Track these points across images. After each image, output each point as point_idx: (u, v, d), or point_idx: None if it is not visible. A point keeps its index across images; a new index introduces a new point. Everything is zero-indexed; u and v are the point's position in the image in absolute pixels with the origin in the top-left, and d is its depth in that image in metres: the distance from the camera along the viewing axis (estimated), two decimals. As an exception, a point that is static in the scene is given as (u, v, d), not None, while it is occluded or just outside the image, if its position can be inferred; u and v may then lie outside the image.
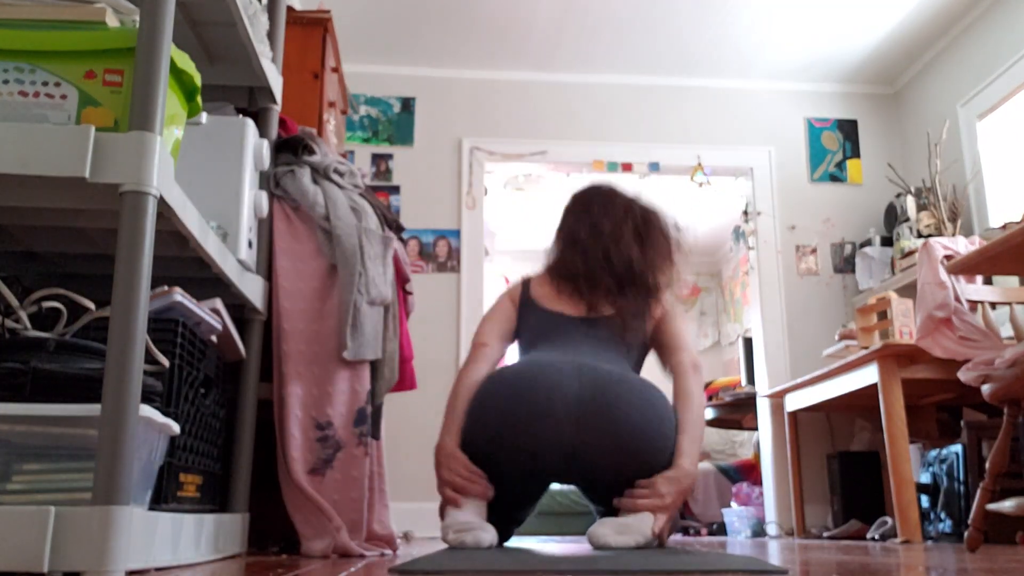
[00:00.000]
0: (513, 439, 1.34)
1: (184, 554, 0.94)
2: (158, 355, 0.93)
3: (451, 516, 1.33)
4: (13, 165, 0.80)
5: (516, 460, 1.36)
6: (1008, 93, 2.84)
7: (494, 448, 1.37)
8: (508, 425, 1.35)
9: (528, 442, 1.34)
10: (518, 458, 1.36)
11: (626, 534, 1.29)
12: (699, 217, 5.18)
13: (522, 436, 1.34)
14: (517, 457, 1.36)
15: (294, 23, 1.91)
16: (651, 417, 1.36)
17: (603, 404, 1.34)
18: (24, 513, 0.70)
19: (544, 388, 1.35)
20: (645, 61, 3.43)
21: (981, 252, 1.67)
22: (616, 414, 1.33)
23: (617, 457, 1.34)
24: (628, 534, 1.29)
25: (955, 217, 2.98)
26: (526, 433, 1.33)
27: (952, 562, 1.21)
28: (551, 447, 1.34)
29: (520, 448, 1.35)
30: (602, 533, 1.29)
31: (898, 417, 2.30)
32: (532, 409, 1.34)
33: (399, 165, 3.40)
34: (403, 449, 3.12)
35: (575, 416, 1.33)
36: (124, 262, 0.78)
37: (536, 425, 1.33)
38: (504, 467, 1.38)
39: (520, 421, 1.34)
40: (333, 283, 1.38)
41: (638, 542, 1.29)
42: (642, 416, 1.35)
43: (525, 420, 1.34)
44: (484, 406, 1.39)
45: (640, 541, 1.29)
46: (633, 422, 1.33)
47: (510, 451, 1.36)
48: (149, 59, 0.83)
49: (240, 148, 1.25)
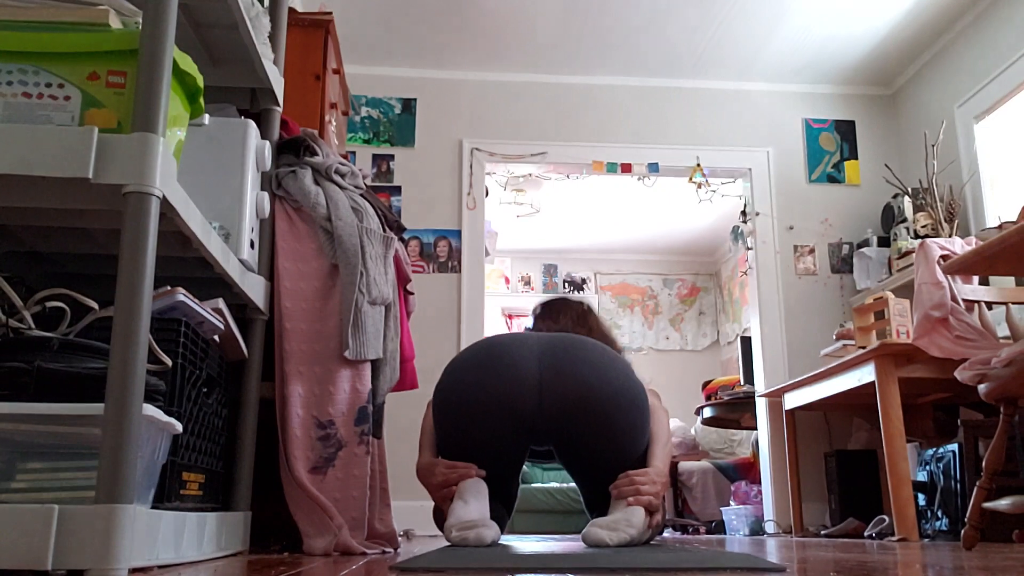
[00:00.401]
0: (484, 386, 1.43)
1: (187, 552, 0.94)
2: (161, 355, 0.94)
3: (454, 514, 1.34)
4: (17, 166, 0.80)
5: (490, 408, 1.42)
6: (1005, 94, 2.85)
7: (469, 400, 1.43)
8: (479, 374, 1.44)
9: (499, 386, 1.42)
10: (492, 405, 1.41)
11: (619, 530, 1.31)
12: (698, 217, 5.19)
13: (492, 380, 1.42)
14: (491, 404, 1.41)
15: (296, 25, 1.91)
16: (611, 357, 1.49)
17: (564, 346, 1.48)
18: (28, 511, 0.70)
19: (509, 342, 1.50)
20: (644, 63, 3.44)
21: (977, 252, 1.68)
22: (577, 352, 1.46)
23: (583, 390, 1.41)
24: (621, 529, 1.31)
25: (952, 218, 2.99)
26: (496, 377, 1.42)
27: (949, 560, 1.22)
28: (520, 386, 1.41)
29: (492, 393, 1.41)
30: (595, 532, 1.31)
31: (895, 416, 2.31)
32: (500, 358, 1.45)
33: (400, 166, 3.40)
34: (404, 448, 3.13)
35: (538, 355, 1.46)
36: (127, 262, 0.78)
37: (504, 369, 1.43)
38: (480, 420, 1.42)
39: (489, 368, 1.44)
40: (335, 283, 1.38)
41: (632, 536, 1.31)
42: (601, 355, 1.48)
43: (494, 367, 1.44)
44: (455, 367, 1.49)
45: (633, 534, 1.32)
46: (593, 358, 1.46)
47: (484, 401, 1.42)
48: (152, 61, 0.83)
49: (242, 149, 1.26)
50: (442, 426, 1.49)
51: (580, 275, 5.95)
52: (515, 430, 1.44)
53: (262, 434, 1.33)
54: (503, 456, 1.47)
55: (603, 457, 1.43)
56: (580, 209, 5.10)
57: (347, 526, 1.27)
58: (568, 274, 5.95)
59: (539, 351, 1.47)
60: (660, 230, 5.50)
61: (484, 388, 1.42)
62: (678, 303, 5.96)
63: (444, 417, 1.48)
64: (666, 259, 6.03)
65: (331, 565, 0.99)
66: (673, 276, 6.00)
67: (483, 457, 1.44)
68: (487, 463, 1.44)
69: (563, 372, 1.43)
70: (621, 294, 5.94)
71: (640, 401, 1.46)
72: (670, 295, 5.96)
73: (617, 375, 1.45)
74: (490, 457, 1.45)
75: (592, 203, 4.99)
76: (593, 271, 5.98)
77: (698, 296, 5.97)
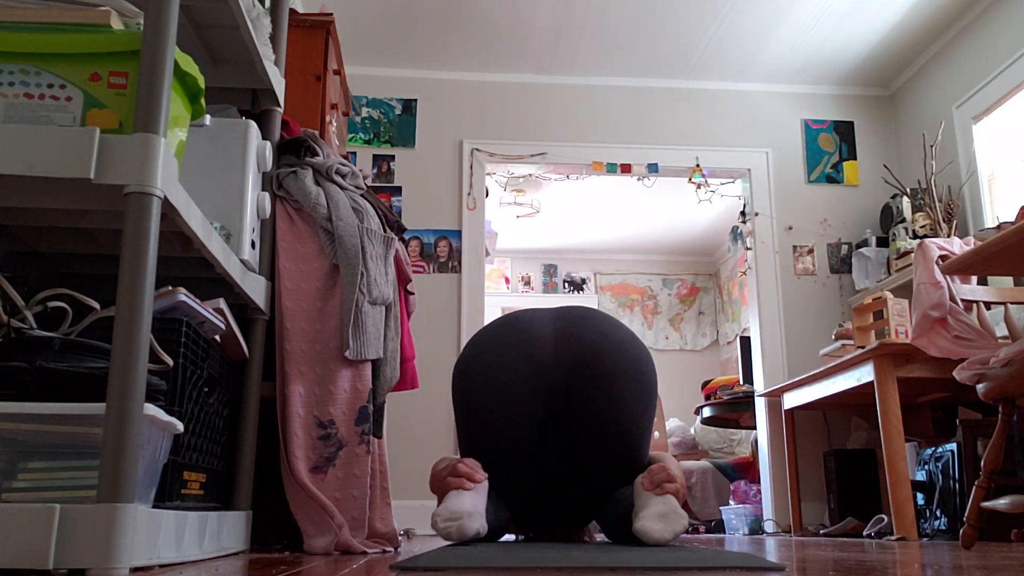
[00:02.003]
0: (503, 342, 1.52)
1: (188, 551, 0.95)
2: (162, 354, 0.94)
3: (446, 504, 1.33)
4: (19, 166, 0.81)
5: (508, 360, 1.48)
6: (1003, 95, 2.85)
7: (488, 357, 1.50)
8: (497, 334, 1.54)
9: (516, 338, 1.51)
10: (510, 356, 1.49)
11: (670, 522, 1.30)
12: (697, 218, 5.20)
13: (510, 336, 1.52)
14: (509, 356, 1.49)
15: (297, 26, 1.92)
16: (619, 322, 1.60)
17: (576, 309, 1.61)
18: (29, 511, 0.70)
19: (524, 312, 1.61)
20: (644, 64, 3.44)
21: (976, 252, 1.68)
22: (589, 312, 1.59)
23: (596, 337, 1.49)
24: (673, 521, 1.30)
25: (950, 218, 3.00)
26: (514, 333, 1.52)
27: (947, 559, 1.22)
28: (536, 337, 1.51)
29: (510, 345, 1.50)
30: (649, 528, 1.29)
31: (894, 415, 2.31)
32: (517, 320, 1.57)
33: (400, 166, 3.41)
34: (404, 447, 3.13)
35: (552, 316, 1.58)
36: (128, 262, 0.79)
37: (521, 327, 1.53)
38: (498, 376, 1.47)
39: (506, 328, 1.54)
40: (335, 283, 1.39)
41: (683, 525, 1.31)
42: (610, 317, 1.60)
43: (511, 326, 1.54)
44: (473, 339, 1.59)
45: (684, 523, 1.32)
46: (603, 317, 1.58)
47: (501, 355, 1.49)
48: (153, 62, 0.84)
49: (243, 150, 1.26)
50: (462, 396, 1.52)
51: (580, 275, 5.95)
52: (532, 385, 1.48)
53: (263, 433, 1.33)
54: (514, 422, 1.48)
55: (612, 419, 1.45)
56: (580, 209, 5.10)
57: (348, 525, 1.27)
58: (568, 274, 5.95)
59: (553, 314, 1.60)
60: (660, 230, 5.51)
61: (503, 343, 1.51)
62: (677, 303, 5.96)
63: (464, 381, 1.52)
64: (665, 259, 6.03)
65: (332, 564, 0.99)
66: (672, 276, 6.01)
67: (495, 423, 1.46)
68: (503, 433, 1.46)
69: (576, 324, 1.54)
70: (621, 294, 5.95)
71: (646, 357, 1.55)
72: (669, 295, 5.97)
73: (625, 332, 1.56)
74: (507, 425, 1.47)
75: (592, 203, 5.00)
76: (593, 271, 5.99)
77: (697, 296, 5.98)
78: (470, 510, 1.32)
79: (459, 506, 1.32)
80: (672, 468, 1.40)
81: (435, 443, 3.15)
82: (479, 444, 1.50)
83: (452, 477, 1.38)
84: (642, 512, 1.33)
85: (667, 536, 1.28)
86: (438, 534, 1.32)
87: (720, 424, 4.24)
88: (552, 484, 1.58)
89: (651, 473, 1.37)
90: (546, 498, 1.60)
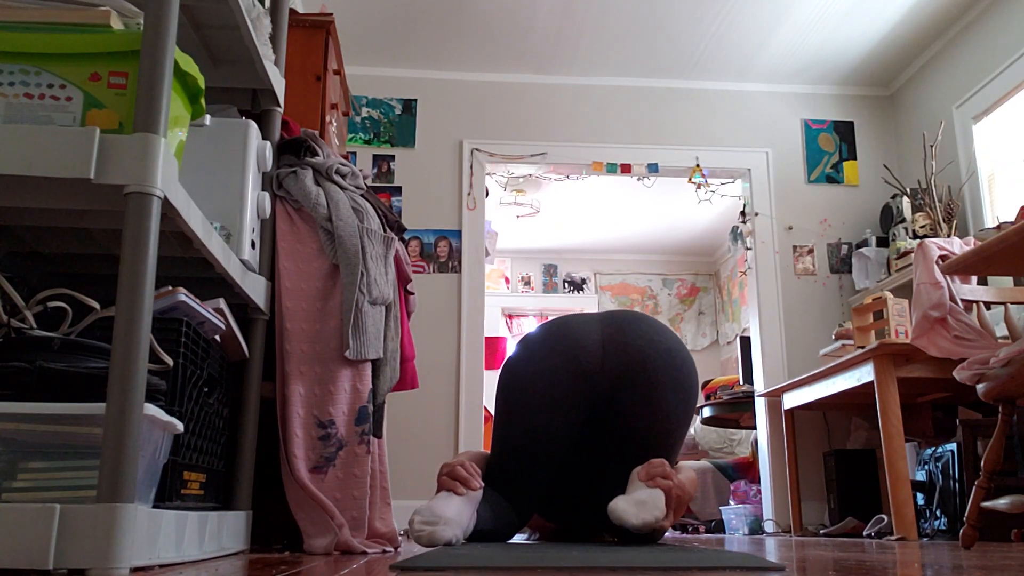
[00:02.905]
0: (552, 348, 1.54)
1: (188, 551, 0.95)
2: (162, 354, 0.94)
3: (430, 505, 1.33)
4: (19, 166, 0.81)
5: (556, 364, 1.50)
6: (1003, 95, 2.85)
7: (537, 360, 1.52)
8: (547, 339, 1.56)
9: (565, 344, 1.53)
10: (558, 360, 1.50)
11: (644, 510, 1.30)
12: (697, 218, 5.20)
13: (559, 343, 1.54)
14: (557, 360, 1.50)
15: (297, 26, 1.92)
16: (665, 326, 1.62)
17: (624, 313, 1.63)
18: (29, 511, 0.70)
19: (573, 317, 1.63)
20: (644, 63, 3.44)
21: (976, 252, 1.69)
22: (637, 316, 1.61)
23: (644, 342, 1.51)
24: (646, 510, 1.30)
25: (950, 218, 3.00)
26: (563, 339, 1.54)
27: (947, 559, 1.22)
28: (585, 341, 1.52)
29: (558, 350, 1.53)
30: (622, 508, 1.30)
31: (894, 415, 2.31)
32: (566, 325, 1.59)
33: (400, 166, 3.41)
34: (405, 447, 3.13)
35: (600, 320, 1.59)
36: (128, 262, 0.79)
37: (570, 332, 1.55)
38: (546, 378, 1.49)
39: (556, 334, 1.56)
40: (335, 283, 1.39)
41: (656, 517, 1.31)
42: (657, 322, 1.62)
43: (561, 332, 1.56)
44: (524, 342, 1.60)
45: (658, 517, 1.31)
46: (651, 322, 1.60)
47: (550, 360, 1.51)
48: (153, 62, 0.84)
49: (243, 150, 1.26)
50: (506, 396, 1.54)
51: (580, 275, 5.95)
52: (576, 392, 1.50)
53: (263, 433, 1.33)
54: (557, 429, 1.49)
55: (649, 426, 1.46)
56: (580, 209, 5.10)
57: (348, 525, 1.27)
58: (568, 274, 5.95)
59: (600, 318, 1.62)
60: (660, 230, 5.51)
61: (552, 350, 1.52)
62: (677, 303, 5.96)
63: (510, 381, 1.54)
64: (665, 259, 6.03)
65: (332, 564, 0.99)
66: (672, 276, 6.01)
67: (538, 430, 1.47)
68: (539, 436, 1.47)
69: (624, 329, 1.56)
70: (620, 294, 5.95)
71: (691, 366, 1.56)
72: (669, 295, 5.97)
73: (673, 338, 1.59)
74: (545, 429, 1.48)
75: (592, 203, 5.00)
76: (593, 271, 5.99)
77: (697, 296, 5.98)
78: (450, 517, 1.31)
79: (442, 510, 1.31)
80: (681, 474, 1.41)
81: (435, 443, 3.16)
82: (513, 443, 1.51)
83: (448, 478, 1.37)
84: (623, 495, 1.34)
85: (635, 522, 1.28)
86: (411, 533, 1.31)
87: (720, 424, 4.24)
88: (579, 484, 1.58)
89: (649, 465, 1.38)
90: (575, 494, 1.60)
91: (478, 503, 1.40)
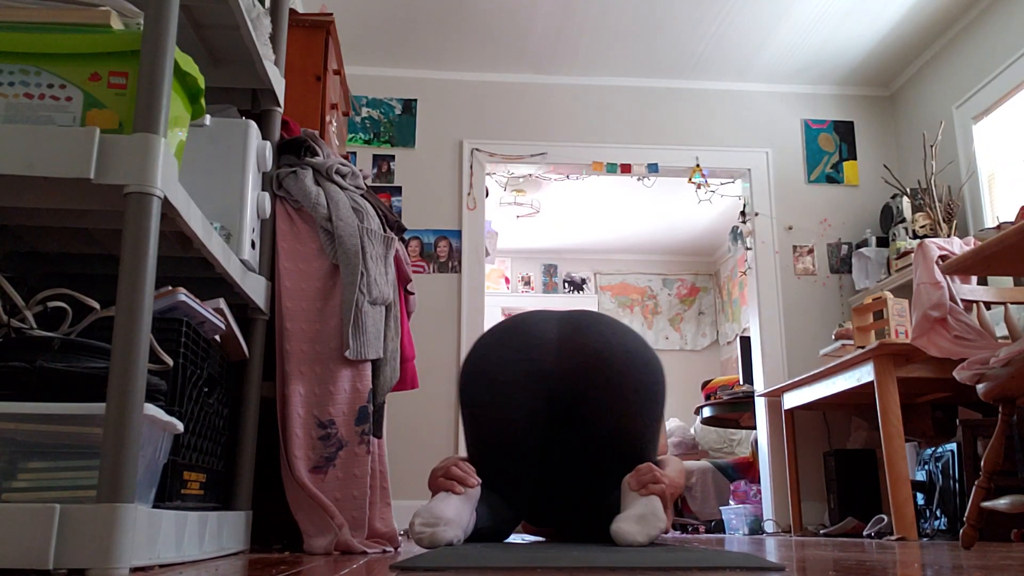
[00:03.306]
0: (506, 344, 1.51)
1: (188, 551, 0.95)
2: (162, 354, 0.94)
3: (429, 507, 1.32)
4: (19, 166, 0.81)
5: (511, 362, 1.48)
6: (1003, 95, 2.85)
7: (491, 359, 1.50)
8: (502, 336, 1.53)
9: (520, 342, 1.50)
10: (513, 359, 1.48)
11: (647, 524, 1.29)
12: (697, 218, 5.20)
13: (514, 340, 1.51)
14: (512, 358, 1.48)
15: (297, 26, 1.92)
16: (628, 327, 1.57)
17: (583, 313, 1.59)
18: (29, 511, 0.70)
19: (530, 314, 1.60)
20: (644, 64, 3.44)
21: (976, 252, 1.69)
22: (595, 317, 1.57)
23: (600, 346, 1.48)
24: (649, 524, 1.29)
25: (950, 218, 3.00)
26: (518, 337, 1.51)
27: (947, 559, 1.22)
28: (540, 341, 1.50)
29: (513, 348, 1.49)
30: (626, 530, 1.28)
31: (894, 415, 2.31)
32: (522, 323, 1.56)
33: (400, 166, 3.41)
34: (404, 447, 3.13)
35: (558, 319, 1.56)
36: (128, 262, 0.79)
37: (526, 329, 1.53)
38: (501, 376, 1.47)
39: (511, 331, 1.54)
40: (335, 283, 1.39)
41: (660, 528, 1.30)
42: (618, 323, 1.58)
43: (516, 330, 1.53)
44: (479, 340, 1.57)
45: (661, 527, 1.30)
46: (610, 322, 1.55)
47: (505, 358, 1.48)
48: (153, 62, 0.84)
49: (243, 150, 1.26)
50: (464, 398, 1.53)
51: (580, 275, 5.95)
52: (531, 386, 1.47)
53: (263, 433, 1.33)
54: (517, 423, 1.47)
55: (615, 427, 1.44)
56: (580, 209, 5.10)
57: (348, 525, 1.27)
58: (568, 274, 5.95)
59: (558, 317, 1.58)
60: (660, 230, 5.51)
61: (506, 346, 1.50)
62: (677, 303, 5.96)
63: (466, 382, 1.52)
64: (665, 259, 6.03)
65: (332, 564, 0.99)
66: (672, 276, 6.01)
67: (499, 423, 1.46)
68: (504, 436, 1.46)
69: (581, 330, 1.52)
70: (621, 294, 5.95)
71: (655, 366, 1.51)
72: (669, 295, 5.97)
73: (634, 339, 1.53)
74: (508, 428, 1.46)
75: (592, 203, 5.00)
76: (593, 271, 5.99)
77: (697, 296, 5.98)
78: (450, 517, 1.30)
79: (442, 511, 1.30)
80: (667, 469, 1.40)
81: (435, 443, 3.16)
82: (482, 445, 1.50)
83: (444, 479, 1.37)
84: (622, 513, 1.33)
85: (641, 539, 1.27)
86: (411, 535, 1.31)
87: (720, 424, 4.24)
88: (561, 483, 1.57)
89: (638, 473, 1.36)
90: (557, 497, 1.59)
91: (477, 501, 1.40)
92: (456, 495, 1.35)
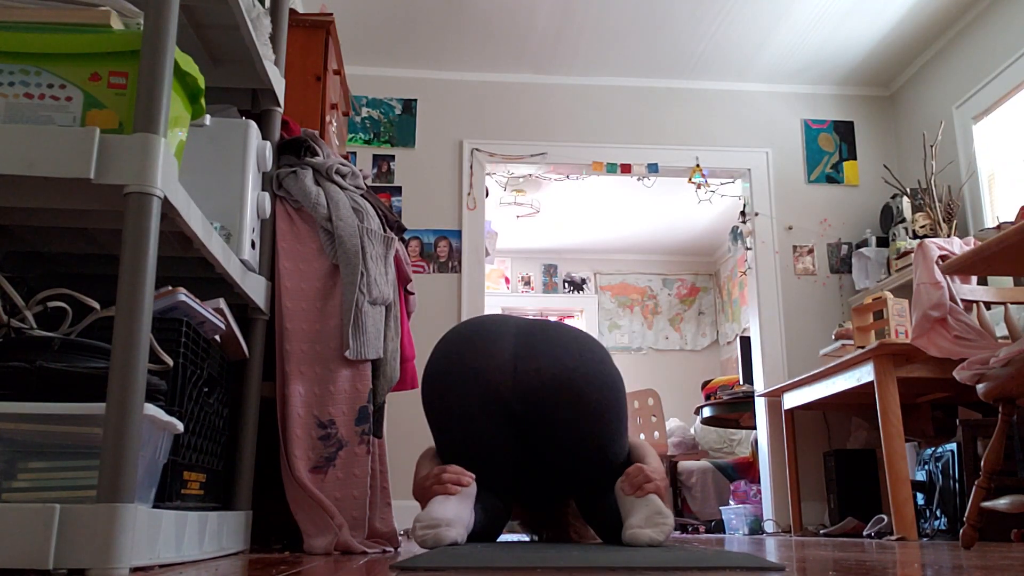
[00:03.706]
0: (461, 358, 1.47)
1: (188, 551, 0.95)
2: (162, 354, 0.94)
3: (428, 510, 1.32)
4: (19, 166, 0.81)
5: (464, 380, 1.45)
6: (1003, 95, 2.85)
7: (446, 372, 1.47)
8: (459, 346, 1.49)
9: (474, 358, 1.46)
10: (466, 377, 1.45)
11: (659, 524, 1.30)
12: (697, 217, 5.20)
13: (469, 353, 1.47)
14: (465, 376, 1.45)
15: (297, 26, 1.92)
16: (587, 341, 1.54)
17: (542, 327, 1.55)
18: (29, 510, 0.70)
19: (489, 322, 1.56)
20: (644, 64, 3.44)
21: (976, 252, 1.69)
22: (552, 334, 1.53)
23: (556, 369, 1.45)
24: (660, 523, 1.30)
25: (950, 218, 3.00)
26: (473, 350, 1.47)
27: (947, 559, 1.22)
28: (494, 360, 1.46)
29: (468, 365, 1.46)
30: (641, 534, 1.29)
31: (894, 415, 2.31)
32: (478, 333, 1.51)
33: (400, 166, 3.41)
34: (404, 447, 3.13)
35: (515, 333, 1.52)
36: (128, 262, 0.79)
37: (481, 343, 1.48)
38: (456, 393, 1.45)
39: (468, 341, 1.50)
40: (335, 283, 1.39)
41: (669, 521, 1.31)
42: (576, 338, 1.54)
43: (472, 341, 1.49)
44: (439, 345, 1.55)
45: (671, 522, 1.31)
46: (567, 341, 1.51)
47: (459, 373, 1.46)
48: (153, 62, 0.84)
49: (243, 150, 1.26)
50: (427, 409, 1.52)
51: (580, 275, 5.95)
52: (488, 408, 1.46)
53: (263, 433, 1.33)
54: (482, 436, 1.47)
55: (580, 443, 1.44)
56: (580, 209, 5.10)
57: (348, 525, 1.27)
58: (568, 274, 5.95)
59: (516, 330, 1.53)
60: (660, 230, 5.51)
61: (461, 360, 1.47)
62: (677, 303, 5.96)
63: (427, 395, 1.51)
64: (665, 259, 6.04)
65: (332, 564, 0.99)
66: (672, 276, 6.01)
67: (463, 437, 1.46)
68: (467, 443, 1.46)
69: (537, 351, 1.47)
70: (621, 294, 5.95)
71: (614, 383, 1.48)
72: (669, 295, 5.97)
73: (592, 358, 1.49)
74: (469, 436, 1.46)
75: (592, 203, 5.00)
76: (593, 271, 5.99)
77: (697, 296, 5.98)
78: (451, 518, 1.31)
79: (441, 513, 1.31)
80: (649, 464, 1.41)
81: (435, 443, 3.15)
82: (453, 448, 1.50)
83: (438, 484, 1.38)
84: (629, 519, 1.34)
85: (659, 538, 1.28)
86: (414, 539, 1.32)
87: (720, 424, 4.24)
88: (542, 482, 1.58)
89: (628, 477, 1.37)
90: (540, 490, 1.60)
91: (474, 499, 1.40)
92: (453, 496, 1.35)
